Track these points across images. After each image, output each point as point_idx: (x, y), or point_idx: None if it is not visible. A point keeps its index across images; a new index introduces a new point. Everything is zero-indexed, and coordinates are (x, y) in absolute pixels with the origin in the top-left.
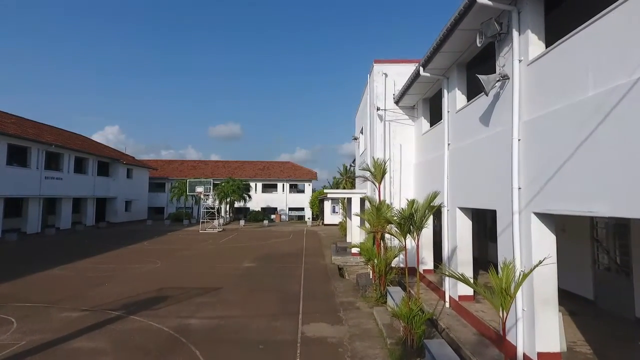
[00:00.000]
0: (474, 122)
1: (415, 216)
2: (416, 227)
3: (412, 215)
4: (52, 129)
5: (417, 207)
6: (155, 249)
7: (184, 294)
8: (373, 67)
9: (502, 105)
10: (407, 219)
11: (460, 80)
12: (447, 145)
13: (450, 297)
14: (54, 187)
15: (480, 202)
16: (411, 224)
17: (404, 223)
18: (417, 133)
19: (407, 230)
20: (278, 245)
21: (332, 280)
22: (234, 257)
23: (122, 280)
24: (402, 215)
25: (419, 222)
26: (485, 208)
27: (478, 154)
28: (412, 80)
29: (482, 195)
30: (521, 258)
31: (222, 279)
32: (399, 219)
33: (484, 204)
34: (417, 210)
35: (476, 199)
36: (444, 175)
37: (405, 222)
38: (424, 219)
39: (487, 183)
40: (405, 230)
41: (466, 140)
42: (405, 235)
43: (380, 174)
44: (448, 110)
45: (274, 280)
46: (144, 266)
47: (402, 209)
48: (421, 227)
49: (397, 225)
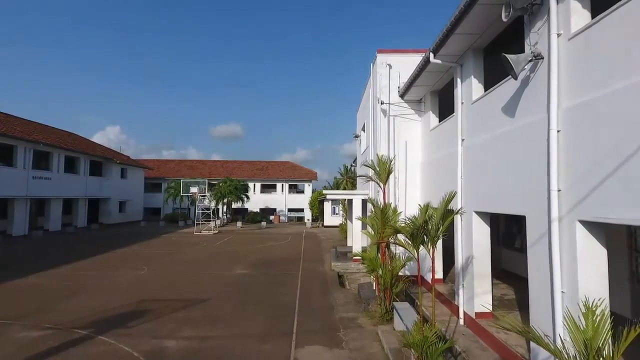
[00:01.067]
0: (494, 114)
1: (429, 224)
2: (431, 237)
3: (426, 223)
4: (41, 127)
5: (430, 213)
6: (144, 253)
7: (166, 308)
8: (376, 57)
9: (534, 91)
10: (420, 227)
11: (477, 67)
12: (461, 141)
13: (465, 314)
14: (42, 188)
15: (503, 206)
16: (425, 233)
17: (417, 233)
18: (424, 129)
19: (420, 242)
20: (275, 249)
21: (331, 290)
22: (226, 263)
23: (101, 290)
24: (413, 223)
25: (435, 231)
26: (509, 213)
27: (501, 150)
28: (421, 70)
29: (506, 198)
30: (562, 276)
31: (210, 288)
32: (411, 228)
33: (508, 209)
34: (431, 216)
35: (498, 202)
36: (456, 175)
37: (418, 231)
38: (441, 227)
39: (513, 184)
40: (418, 242)
41: (485, 135)
42: (418, 247)
43: (385, 173)
44: (462, 102)
45: (268, 291)
46: (129, 273)
47: (413, 216)
48: (437, 237)
49: (407, 235)
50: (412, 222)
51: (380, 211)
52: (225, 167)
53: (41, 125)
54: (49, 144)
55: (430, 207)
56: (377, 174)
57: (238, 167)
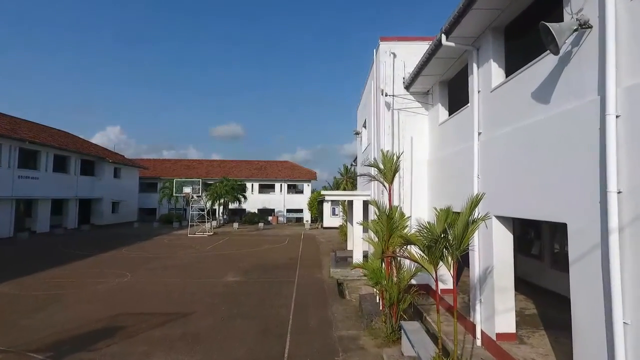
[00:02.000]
0: (521, 101)
1: (450, 233)
2: (452, 250)
3: (446, 233)
4: (30, 125)
5: (450, 221)
6: (131, 258)
7: (143, 324)
8: (379, 45)
9: (579, 69)
10: (439, 239)
11: (497, 50)
12: (477, 134)
13: (484, 333)
14: (29, 188)
15: (534, 211)
16: (445, 245)
17: (435, 246)
18: (432, 123)
19: (439, 256)
20: (271, 252)
21: (329, 301)
22: (217, 269)
23: (75, 301)
24: (430, 233)
25: (458, 243)
26: (544, 220)
27: (530, 143)
28: (430, 55)
29: (539, 202)
30: (623, 302)
31: (197, 298)
32: (427, 239)
33: (542, 214)
34: (453, 224)
35: (527, 206)
36: (472, 174)
37: (436, 244)
38: (465, 237)
39: (547, 184)
40: (436, 257)
41: (508, 127)
42: (436, 263)
43: (391, 171)
44: (479, 90)
45: (259, 302)
46: (110, 280)
47: (429, 224)
48: (461, 251)
49: (422, 248)
50: (427, 232)
51: (385, 216)
52: (223, 166)
53: (30, 123)
54: (36, 142)
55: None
56: (381, 172)
57: (236, 167)
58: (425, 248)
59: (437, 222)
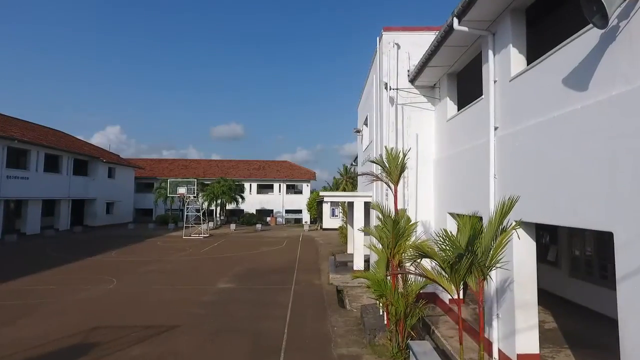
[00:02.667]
0: (551, 88)
1: (477, 247)
2: (480, 267)
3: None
4: (20, 123)
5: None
6: (120, 262)
7: (121, 339)
8: (382, 36)
9: (630, 47)
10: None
11: (517, 34)
12: (494, 130)
13: (501, 353)
14: (18, 188)
15: (569, 217)
16: (472, 261)
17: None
18: (439, 119)
19: (463, 274)
20: (268, 256)
21: (328, 311)
22: (210, 274)
23: (51, 312)
24: (452, 245)
25: (487, 258)
26: (581, 227)
27: (564, 137)
28: (439, 43)
29: (576, 206)
30: None
31: (184, 309)
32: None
33: (579, 221)
34: (480, 235)
35: (559, 210)
36: (487, 173)
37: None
38: (494, 250)
39: (587, 184)
40: (460, 275)
41: (533, 119)
42: (459, 283)
43: (397, 170)
44: (495, 80)
45: (252, 313)
46: (94, 287)
47: (449, 234)
48: (490, 268)
49: (442, 264)
50: (449, 243)
51: (391, 221)
52: (221, 166)
53: (20, 121)
54: (25, 141)
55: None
56: (386, 171)
57: (234, 167)
58: (446, 264)
59: (460, 233)
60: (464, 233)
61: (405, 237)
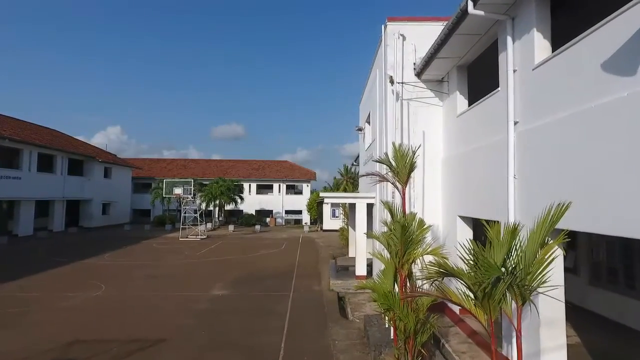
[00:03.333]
0: (589, 74)
1: (515, 264)
2: (519, 290)
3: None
4: (13, 121)
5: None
6: (111, 266)
7: (101, 356)
8: (386, 27)
9: None
10: (505, 273)
11: (541, 17)
12: (513, 124)
13: None
14: (10, 188)
15: (614, 225)
16: (512, 282)
17: (498, 284)
18: (447, 115)
19: (499, 299)
20: (266, 259)
21: (329, 322)
22: (204, 279)
23: (31, 323)
24: (487, 266)
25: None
26: (632, 237)
27: (605, 130)
28: (451, 30)
29: (622, 211)
30: None
31: (174, 319)
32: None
33: (626, 228)
34: (518, 250)
35: (600, 216)
36: (506, 173)
37: (498, 282)
38: (539, 267)
39: (637, 184)
40: (495, 300)
41: (563, 111)
42: (493, 310)
43: (406, 169)
44: (514, 70)
45: (247, 324)
46: (80, 294)
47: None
48: (532, 291)
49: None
50: (482, 262)
51: (400, 227)
52: (220, 166)
53: (13, 119)
54: (17, 140)
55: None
56: (393, 171)
57: (233, 167)
58: (478, 287)
59: (494, 248)
60: (499, 247)
61: (415, 245)
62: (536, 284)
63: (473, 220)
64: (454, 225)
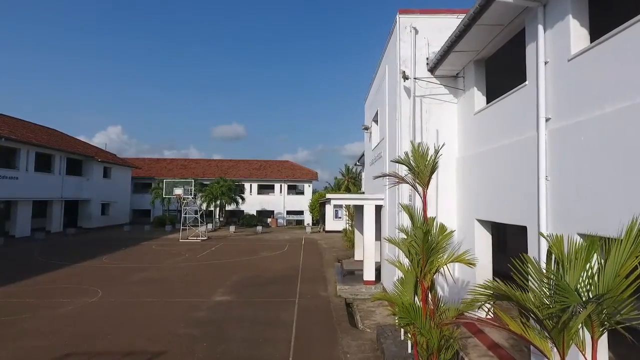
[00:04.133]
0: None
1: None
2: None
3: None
4: (9, 120)
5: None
6: (109, 269)
7: None
8: (398, 20)
9: None
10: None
11: (578, 3)
12: (544, 121)
13: None
14: (7, 188)
15: None
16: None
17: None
18: (463, 113)
19: (575, 331)
20: (268, 262)
21: (338, 332)
22: (205, 284)
23: (22, 333)
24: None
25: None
26: None
27: None
28: (471, 20)
29: None
30: None
31: (172, 329)
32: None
33: None
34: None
35: None
36: (535, 174)
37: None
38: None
39: None
40: (571, 332)
41: (611, 105)
42: (567, 345)
43: (428, 169)
44: (545, 62)
45: (251, 334)
46: (75, 300)
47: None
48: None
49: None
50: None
51: (422, 233)
52: (220, 166)
53: (9, 118)
54: (13, 139)
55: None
56: (412, 171)
57: (234, 167)
58: (547, 317)
59: (570, 267)
60: (576, 267)
61: (438, 252)
62: (626, 310)
63: (492, 224)
64: (472, 229)
